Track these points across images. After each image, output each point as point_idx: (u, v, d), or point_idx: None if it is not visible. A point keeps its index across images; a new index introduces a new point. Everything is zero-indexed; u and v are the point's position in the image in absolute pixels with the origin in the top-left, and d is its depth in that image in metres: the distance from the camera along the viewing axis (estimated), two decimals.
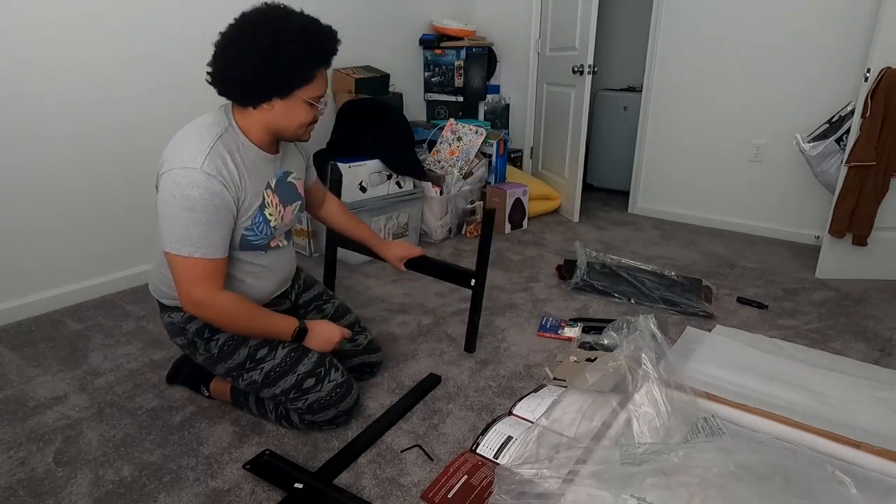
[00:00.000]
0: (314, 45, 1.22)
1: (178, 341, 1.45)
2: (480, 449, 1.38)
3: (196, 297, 1.23)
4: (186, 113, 2.39)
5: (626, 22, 4.07)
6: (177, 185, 1.16)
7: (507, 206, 3.09)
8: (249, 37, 1.17)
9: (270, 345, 1.38)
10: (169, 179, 1.17)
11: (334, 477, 1.31)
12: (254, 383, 1.39)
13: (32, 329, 2.03)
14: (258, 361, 1.37)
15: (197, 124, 1.26)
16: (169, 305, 1.42)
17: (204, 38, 2.38)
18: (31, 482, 1.31)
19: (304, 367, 1.39)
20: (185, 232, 1.18)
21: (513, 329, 2.05)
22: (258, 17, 1.19)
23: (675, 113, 3.26)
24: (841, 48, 2.67)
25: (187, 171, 1.16)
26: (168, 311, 1.43)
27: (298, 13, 1.23)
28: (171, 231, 1.19)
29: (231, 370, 1.40)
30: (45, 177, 2.07)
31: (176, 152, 1.20)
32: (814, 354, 1.87)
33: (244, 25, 1.19)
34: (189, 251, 1.19)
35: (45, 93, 2.01)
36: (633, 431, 1.34)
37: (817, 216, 2.90)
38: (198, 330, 1.38)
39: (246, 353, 1.37)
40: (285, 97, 1.24)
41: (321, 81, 1.28)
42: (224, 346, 1.38)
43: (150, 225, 2.38)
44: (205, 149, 1.19)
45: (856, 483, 1.05)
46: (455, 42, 3.42)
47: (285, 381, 1.38)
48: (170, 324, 1.43)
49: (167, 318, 1.43)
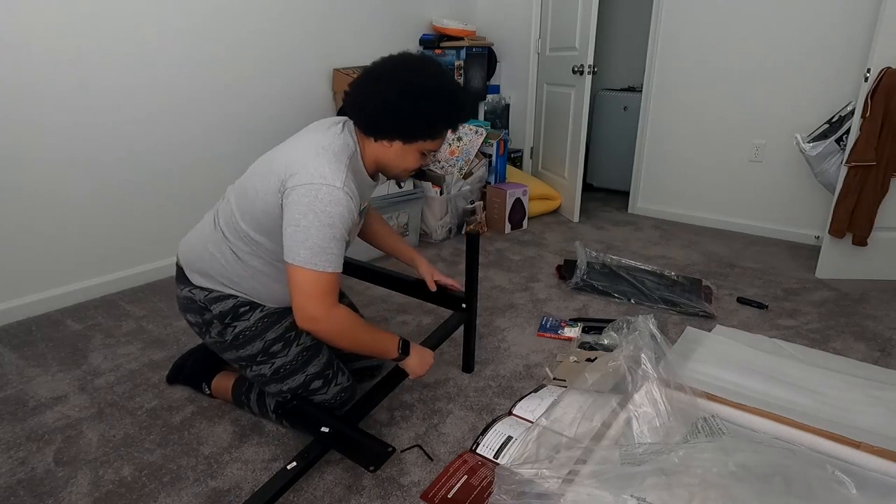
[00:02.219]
0: (453, 113, 1.29)
1: (189, 318, 1.41)
2: (480, 449, 1.39)
3: (314, 312, 1.19)
4: (186, 113, 2.41)
5: (626, 22, 4.07)
6: (319, 200, 1.16)
7: (507, 206, 3.09)
8: (399, 82, 1.23)
9: (285, 341, 1.37)
10: (310, 193, 1.17)
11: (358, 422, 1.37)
12: (262, 376, 1.39)
13: (32, 329, 2.03)
14: (271, 356, 1.36)
15: (328, 141, 1.25)
16: (195, 283, 1.38)
17: (203, 39, 2.40)
18: (31, 482, 1.31)
19: (314, 367, 1.39)
20: (322, 247, 1.17)
21: (513, 329, 2.05)
22: (413, 65, 1.26)
23: (675, 113, 3.25)
24: (841, 48, 2.67)
25: (331, 188, 1.17)
26: (190, 286, 1.38)
27: (450, 76, 1.32)
28: (307, 245, 1.16)
29: (241, 359, 1.38)
30: (46, 177, 2.07)
31: (313, 167, 1.19)
32: (814, 354, 1.87)
33: (397, 68, 1.26)
34: (323, 266, 1.18)
35: (45, 93, 2.01)
36: (633, 431, 1.34)
37: (817, 216, 2.90)
38: (221, 313, 1.35)
39: (260, 346, 1.36)
40: (407, 143, 1.30)
41: (442, 139, 1.35)
42: (240, 336, 1.36)
43: (150, 225, 2.41)
44: (343, 169, 1.21)
45: (856, 483, 1.05)
46: (455, 42, 3.42)
47: (293, 380, 1.38)
48: (188, 299, 1.38)
49: (187, 292, 1.38)
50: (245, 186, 1.31)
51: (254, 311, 1.36)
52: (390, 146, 1.30)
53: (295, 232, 1.17)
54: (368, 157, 1.34)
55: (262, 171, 1.29)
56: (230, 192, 1.39)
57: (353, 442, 1.29)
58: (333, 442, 1.28)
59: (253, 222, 1.28)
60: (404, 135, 1.28)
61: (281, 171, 1.22)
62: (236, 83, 2.57)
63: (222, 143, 2.58)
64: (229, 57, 2.52)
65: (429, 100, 1.23)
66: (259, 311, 1.36)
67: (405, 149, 1.31)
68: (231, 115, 2.59)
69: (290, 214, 1.18)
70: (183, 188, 2.48)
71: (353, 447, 1.27)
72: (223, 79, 2.51)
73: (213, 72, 2.47)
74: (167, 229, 2.46)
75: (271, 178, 1.23)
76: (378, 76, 1.25)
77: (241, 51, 2.55)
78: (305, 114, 2.91)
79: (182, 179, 2.47)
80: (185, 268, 1.40)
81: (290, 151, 1.26)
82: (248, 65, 2.60)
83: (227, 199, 1.38)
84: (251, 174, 1.33)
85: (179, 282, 1.42)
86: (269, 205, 1.24)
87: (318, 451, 1.27)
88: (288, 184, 1.19)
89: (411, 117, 1.24)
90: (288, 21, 2.72)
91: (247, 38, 2.56)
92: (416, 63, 1.27)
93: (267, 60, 2.67)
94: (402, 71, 1.24)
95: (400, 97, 1.22)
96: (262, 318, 1.36)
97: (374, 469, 1.22)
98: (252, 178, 1.31)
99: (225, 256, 1.33)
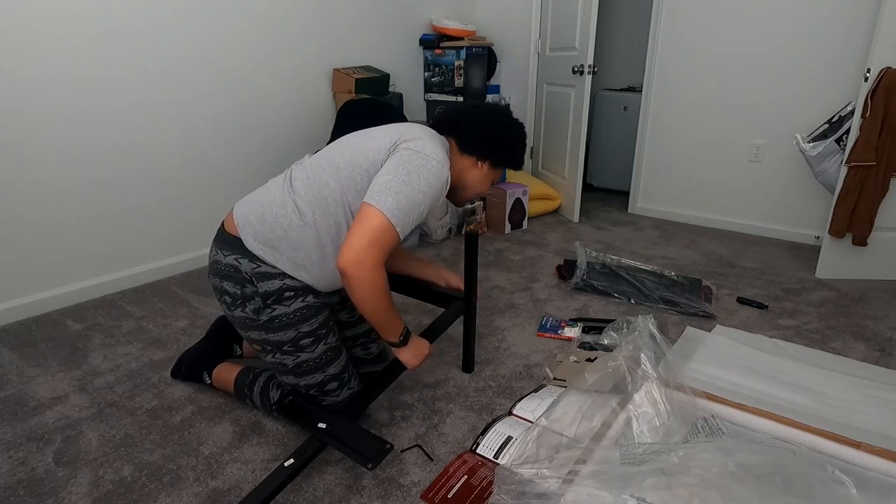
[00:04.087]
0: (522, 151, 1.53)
1: (227, 286, 1.34)
2: (480, 449, 1.39)
3: (366, 259, 1.18)
4: (187, 113, 2.41)
5: (626, 22, 4.07)
6: (426, 169, 1.25)
7: (507, 206, 3.09)
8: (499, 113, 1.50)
9: (316, 337, 1.36)
10: (421, 160, 1.25)
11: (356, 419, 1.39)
12: (283, 366, 1.37)
13: (32, 329, 2.03)
14: (298, 348, 1.35)
15: (435, 135, 1.39)
16: (248, 249, 1.31)
17: (204, 39, 2.40)
18: (31, 482, 1.31)
19: (334, 369, 1.39)
20: (410, 206, 1.22)
21: (513, 329, 2.05)
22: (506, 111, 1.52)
23: (675, 113, 3.26)
24: (841, 48, 2.67)
25: (440, 166, 1.28)
26: (240, 253, 1.31)
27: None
28: (399, 198, 1.21)
29: (267, 343, 1.35)
30: (46, 177, 2.07)
31: (429, 144, 1.29)
32: (814, 354, 1.87)
33: (496, 105, 1.56)
34: (399, 223, 1.21)
35: (46, 93, 2.01)
36: (632, 431, 1.34)
37: (817, 216, 2.90)
38: (266, 293, 1.30)
39: (293, 335, 1.34)
40: (494, 167, 1.48)
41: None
42: (275, 320, 1.32)
43: (151, 225, 2.41)
44: (447, 159, 1.33)
45: (856, 483, 1.05)
46: (455, 42, 3.42)
47: (312, 378, 1.38)
48: (232, 267, 1.32)
49: (234, 259, 1.31)
50: (342, 147, 1.34)
51: (296, 300, 1.33)
52: (479, 168, 1.46)
53: (392, 181, 1.22)
54: (453, 170, 1.40)
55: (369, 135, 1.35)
56: (307, 161, 1.38)
57: (351, 438, 1.28)
58: (331, 438, 1.28)
59: (346, 178, 1.28)
60: (496, 157, 1.46)
61: (395, 134, 1.30)
62: (237, 83, 2.57)
63: (223, 143, 2.58)
64: (230, 56, 2.52)
65: (519, 137, 1.49)
66: (301, 301, 1.34)
67: (489, 173, 1.48)
68: (231, 115, 2.59)
69: (393, 164, 1.24)
70: (184, 188, 2.48)
71: (351, 443, 1.27)
72: (224, 78, 2.52)
73: (214, 71, 2.47)
74: (167, 229, 2.46)
75: (382, 138, 1.30)
76: (477, 104, 1.54)
77: (242, 51, 2.55)
78: (307, 113, 2.91)
79: (183, 179, 2.47)
80: (242, 231, 1.32)
81: (403, 128, 1.35)
82: (250, 65, 2.60)
83: (307, 163, 1.36)
84: (347, 140, 1.37)
85: (223, 247, 1.34)
86: (370, 160, 1.28)
87: (316, 447, 1.27)
88: (402, 144, 1.28)
89: (505, 143, 1.46)
90: (288, 21, 2.72)
91: (248, 38, 2.56)
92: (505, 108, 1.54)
93: (268, 60, 2.67)
94: (500, 109, 1.51)
95: (502, 124, 1.46)
96: (302, 308, 1.34)
97: (371, 466, 1.21)
98: (352, 139, 1.36)
99: (290, 221, 1.29)
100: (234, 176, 2.63)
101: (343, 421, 1.33)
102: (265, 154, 2.75)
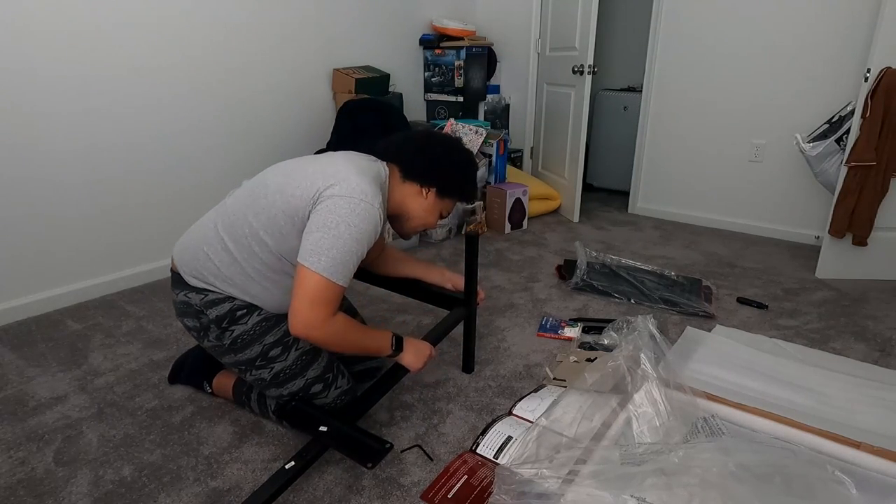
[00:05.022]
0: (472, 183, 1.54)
1: (187, 322, 1.40)
2: (480, 449, 1.39)
3: (313, 320, 1.19)
4: (186, 113, 2.41)
5: (626, 22, 4.07)
6: (355, 214, 1.20)
7: (507, 206, 3.09)
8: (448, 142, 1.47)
9: (284, 345, 1.36)
10: (348, 206, 1.20)
11: (356, 421, 1.38)
12: (261, 380, 1.39)
13: (32, 329, 2.03)
14: (269, 360, 1.36)
15: (366, 165, 1.34)
16: (191, 285, 1.37)
17: (204, 39, 2.40)
18: (31, 482, 1.31)
19: (314, 371, 1.39)
20: (344, 259, 1.19)
21: (513, 329, 2.05)
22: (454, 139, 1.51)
23: (675, 113, 3.25)
24: (841, 48, 2.67)
25: (368, 206, 1.22)
26: (187, 289, 1.37)
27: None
28: (331, 254, 1.18)
29: (240, 363, 1.38)
30: (45, 177, 2.07)
31: (355, 183, 1.23)
32: (814, 354, 1.87)
33: (444, 135, 1.51)
34: (337, 278, 1.19)
35: (46, 93, 2.01)
36: (632, 431, 1.34)
37: (817, 216, 2.90)
38: (217, 318, 1.34)
39: (259, 350, 1.35)
40: (440, 196, 1.44)
41: (452, 207, 1.52)
42: (238, 340, 1.35)
43: (150, 225, 2.41)
44: (379, 192, 1.28)
45: (856, 483, 1.05)
46: (455, 42, 3.42)
47: (293, 384, 1.37)
48: (184, 303, 1.38)
49: (183, 296, 1.37)
50: (265, 183, 1.31)
51: (251, 315, 1.34)
52: (425, 196, 1.42)
53: (322, 238, 1.18)
54: (394, 198, 1.41)
55: (291, 173, 1.30)
56: (236, 193, 1.38)
57: (351, 440, 1.28)
58: (331, 440, 1.28)
59: (266, 220, 1.27)
60: (440, 183, 1.42)
61: (318, 179, 1.24)
62: (237, 83, 2.57)
63: (223, 143, 2.58)
64: (230, 57, 2.52)
65: (466, 164, 1.47)
66: (257, 315, 1.35)
67: (436, 203, 1.44)
68: (231, 116, 2.59)
69: (320, 219, 1.20)
70: (183, 188, 2.48)
71: (351, 445, 1.27)
72: (224, 79, 2.52)
73: (214, 71, 2.47)
74: (167, 229, 2.46)
75: (304, 183, 1.25)
76: (427, 133, 1.48)
77: (242, 51, 2.55)
78: (306, 113, 2.91)
79: (182, 180, 2.47)
80: (181, 270, 1.39)
81: (326, 166, 1.28)
82: (250, 65, 2.60)
83: (233, 198, 1.37)
84: (272, 175, 1.33)
85: (175, 287, 1.41)
86: (292, 207, 1.24)
87: (317, 450, 1.27)
88: (326, 192, 1.22)
89: (449, 169, 1.42)
90: (288, 21, 2.72)
91: (248, 38, 2.57)
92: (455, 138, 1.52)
93: (268, 60, 2.67)
94: (449, 137, 1.48)
95: (447, 150, 1.44)
96: (260, 321, 1.35)
97: (371, 466, 1.21)
98: (275, 177, 1.31)
99: (220, 258, 1.32)
100: (235, 175, 2.63)
101: (343, 423, 1.33)
102: (265, 153, 2.75)
